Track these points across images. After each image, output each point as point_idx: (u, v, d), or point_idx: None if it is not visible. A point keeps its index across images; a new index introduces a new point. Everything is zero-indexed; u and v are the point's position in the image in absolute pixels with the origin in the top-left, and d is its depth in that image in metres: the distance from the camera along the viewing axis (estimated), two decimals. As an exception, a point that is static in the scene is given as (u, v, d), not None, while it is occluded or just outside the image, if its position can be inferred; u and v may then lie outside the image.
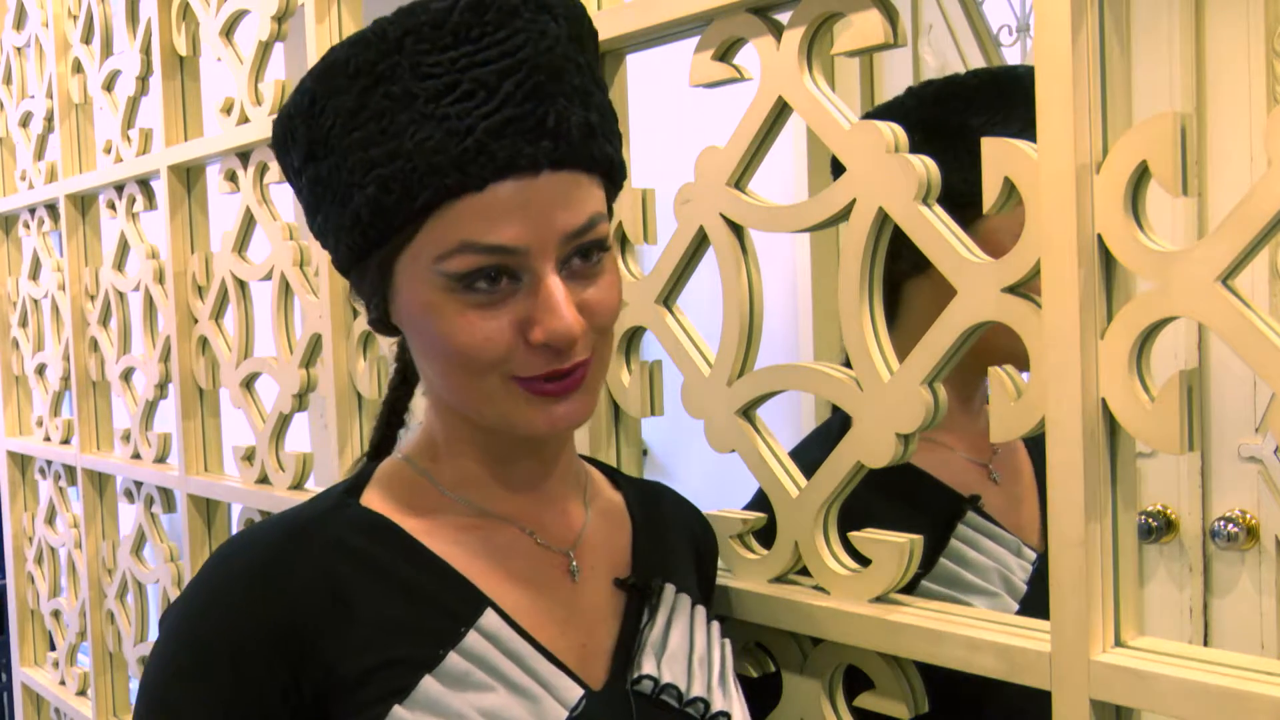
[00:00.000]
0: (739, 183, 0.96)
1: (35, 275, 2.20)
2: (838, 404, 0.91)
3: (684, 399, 1.02)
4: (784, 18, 0.91)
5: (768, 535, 0.97)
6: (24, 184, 2.19)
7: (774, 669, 0.99)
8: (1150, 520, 1.88)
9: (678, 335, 1.02)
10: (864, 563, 0.91)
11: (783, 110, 0.92)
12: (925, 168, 0.83)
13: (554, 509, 0.85)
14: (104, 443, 2.06)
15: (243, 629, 0.74)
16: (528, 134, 0.71)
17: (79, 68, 1.95)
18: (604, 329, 0.76)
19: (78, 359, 2.03)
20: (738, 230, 0.96)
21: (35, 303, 2.22)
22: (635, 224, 1.06)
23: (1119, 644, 0.76)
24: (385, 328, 0.81)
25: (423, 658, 0.74)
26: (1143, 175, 0.71)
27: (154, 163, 1.71)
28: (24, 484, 2.40)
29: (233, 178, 1.55)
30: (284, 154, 0.79)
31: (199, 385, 1.70)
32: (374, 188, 0.72)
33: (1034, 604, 1.01)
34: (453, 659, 0.74)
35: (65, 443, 2.16)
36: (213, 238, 1.67)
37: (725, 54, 0.96)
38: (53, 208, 2.10)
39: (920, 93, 1.06)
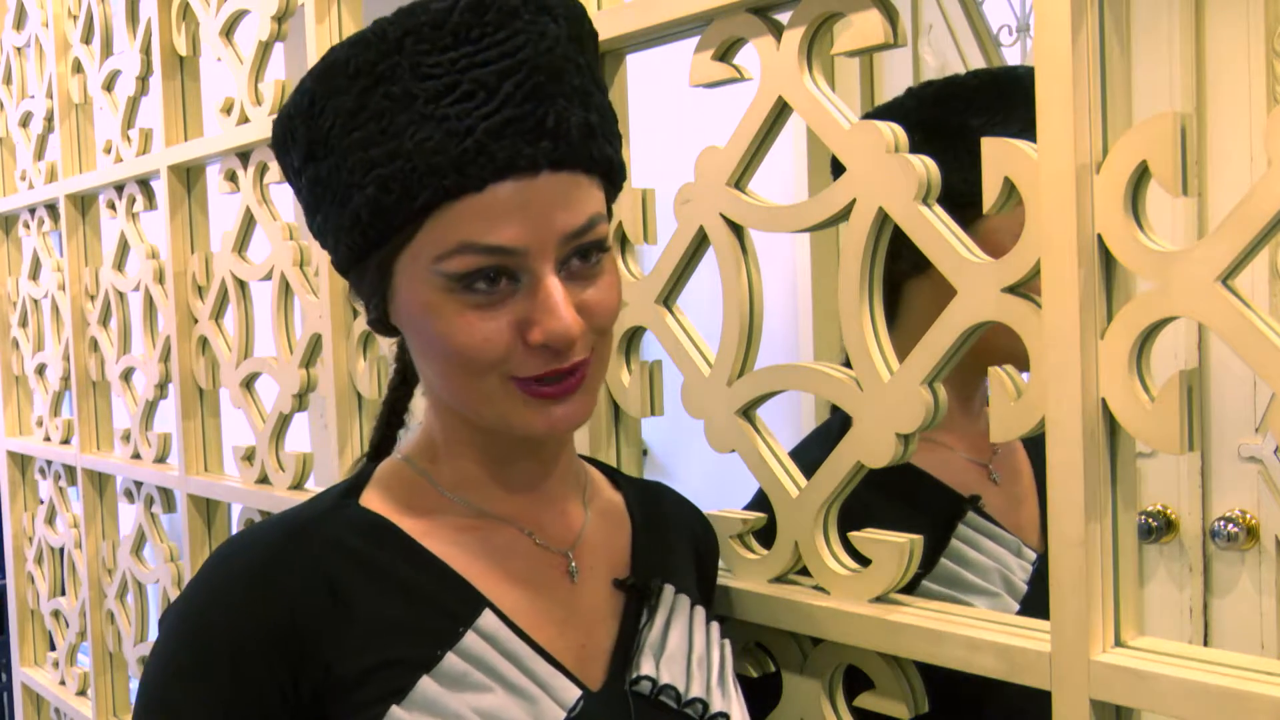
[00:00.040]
0: (739, 183, 0.96)
1: (35, 275, 2.20)
2: (838, 404, 0.91)
3: (684, 399, 1.02)
4: (784, 18, 0.91)
5: (768, 535, 0.97)
6: (24, 184, 2.19)
7: (774, 669, 0.99)
8: (1150, 520, 1.88)
9: (678, 335, 1.02)
10: (864, 563, 0.91)
11: (783, 110, 0.92)
12: (925, 168, 0.83)
13: (553, 509, 0.84)
14: (104, 443, 2.06)
15: (242, 629, 0.74)
16: (527, 135, 0.71)
17: (79, 68, 1.95)
18: (603, 330, 0.76)
19: (78, 359, 2.03)
20: (738, 230, 0.96)
21: (35, 303, 2.22)
22: (635, 224, 1.06)
23: (1119, 644, 0.76)
24: (384, 328, 0.81)
25: (421, 658, 0.74)
26: (1143, 175, 0.71)
27: (154, 163, 1.71)
28: (24, 484, 2.40)
29: (233, 178, 1.55)
30: (284, 154, 0.79)
31: (199, 385, 1.70)
32: (373, 188, 0.72)
33: (1034, 604, 1.01)
34: (450, 659, 0.74)
35: (65, 443, 2.16)
36: (213, 238, 1.67)
37: (725, 54, 0.96)
38: (53, 208, 2.09)
39: (920, 93, 1.06)
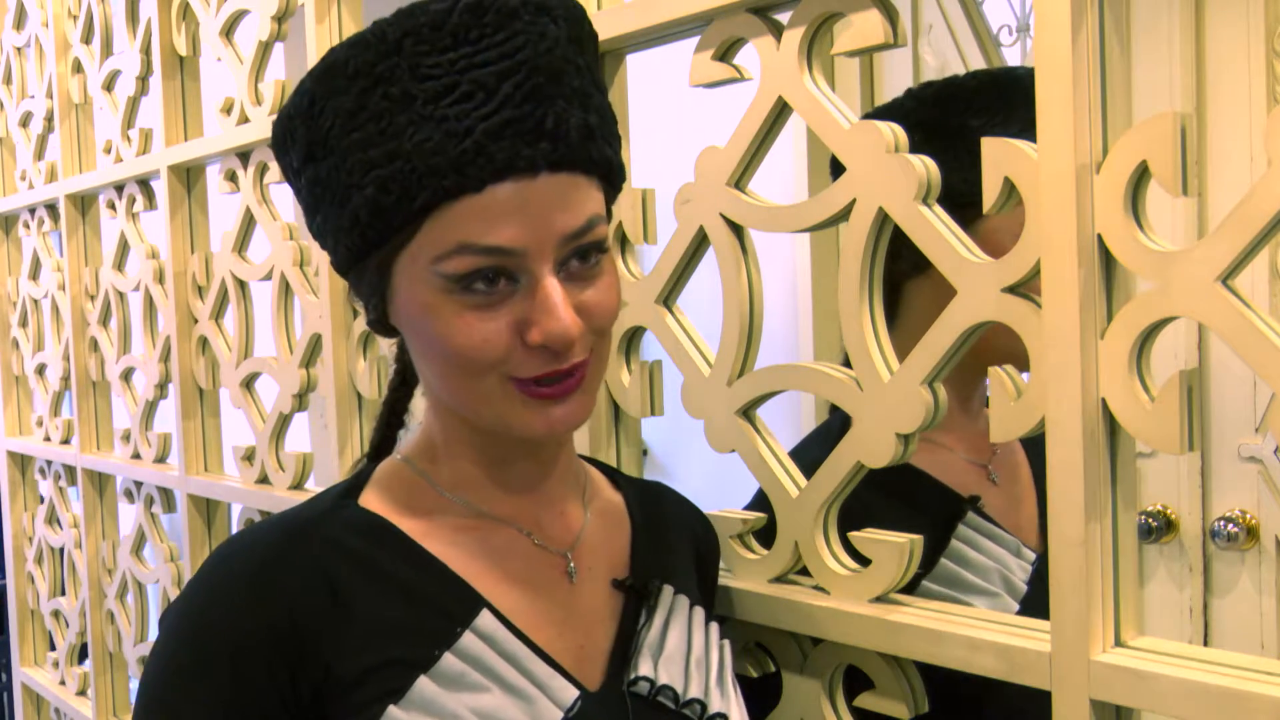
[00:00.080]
0: (739, 183, 0.96)
1: (35, 275, 2.20)
2: (838, 404, 0.91)
3: (684, 399, 1.02)
4: (784, 18, 0.91)
5: (768, 535, 0.97)
6: (24, 184, 2.19)
7: (774, 669, 0.99)
8: (1150, 520, 1.88)
9: (678, 335, 1.02)
10: (864, 563, 0.91)
11: (783, 110, 0.92)
12: (925, 168, 0.83)
13: (552, 510, 0.84)
14: (104, 443, 2.06)
15: (242, 628, 0.74)
16: (526, 136, 0.71)
17: (79, 68, 1.95)
18: (602, 330, 0.76)
19: (78, 359, 2.03)
20: (738, 230, 0.96)
21: (35, 303, 2.22)
22: (635, 224, 1.06)
23: (1119, 644, 0.76)
24: (384, 329, 0.81)
25: (419, 658, 0.74)
26: (1143, 175, 0.71)
27: (154, 163, 1.71)
28: (24, 484, 2.40)
29: (233, 178, 1.55)
30: (283, 155, 0.79)
31: (199, 385, 1.70)
32: (372, 189, 0.72)
33: (1034, 604, 1.01)
34: (448, 659, 0.74)
35: (65, 443, 2.16)
36: (213, 238, 1.67)
37: (725, 54, 0.96)
38: (53, 208, 2.09)
39: (919, 94, 1.06)
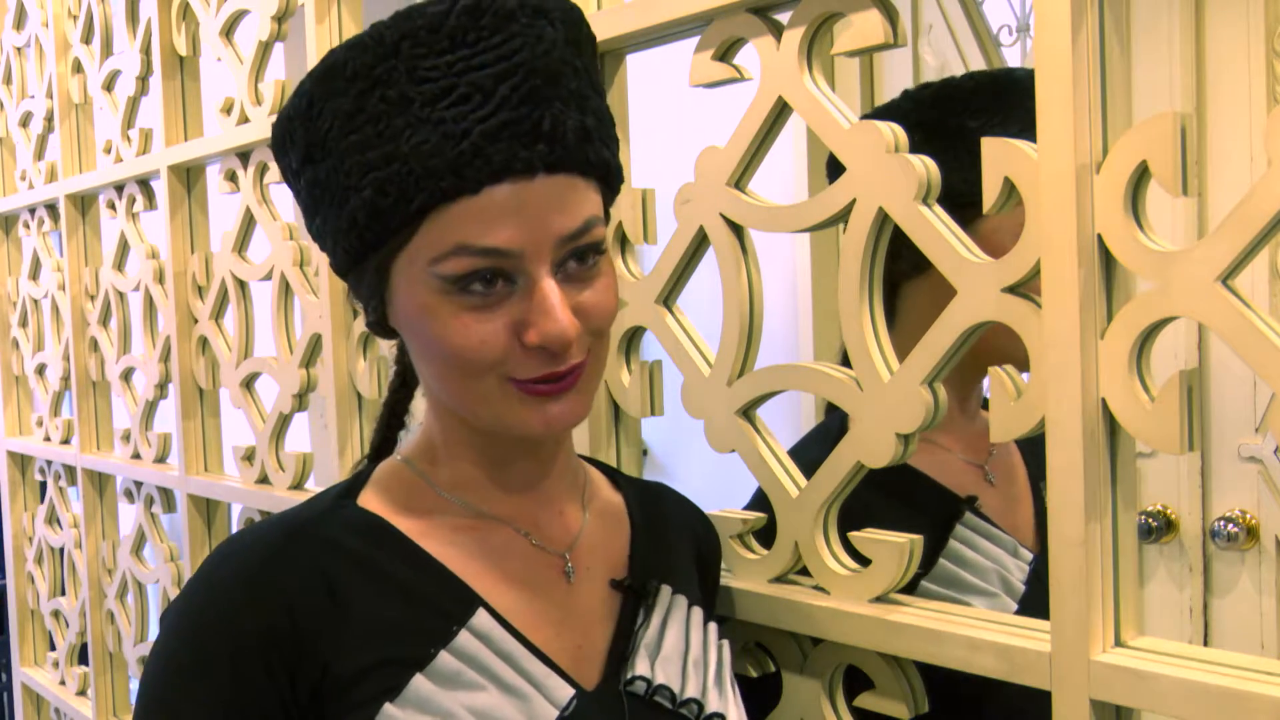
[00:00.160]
0: (739, 183, 0.96)
1: (35, 275, 2.20)
2: (838, 404, 0.91)
3: (684, 399, 1.02)
4: (784, 18, 0.91)
5: (768, 535, 0.97)
6: (24, 184, 2.19)
7: (774, 669, 0.99)
8: (1150, 520, 1.88)
9: (678, 335, 1.02)
10: (864, 563, 0.91)
11: (783, 110, 0.92)
12: (925, 168, 0.83)
13: (550, 510, 0.85)
14: (104, 443, 2.06)
15: (242, 628, 0.74)
16: (523, 137, 0.71)
17: (79, 68, 1.95)
18: (599, 331, 0.76)
19: (78, 359, 2.03)
20: (738, 230, 0.96)
21: (35, 303, 2.22)
22: (635, 224, 1.06)
23: (1119, 644, 0.76)
24: (383, 330, 0.81)
25: (415, 656, 0.74)
26: (1143, 175, 0.71)
27: (154, 163, 1.71)
28: (24, 484, 2.40)
29: (233, 178, 1.55)
30: (282, 156, 0.80)
31: (199, 385, 1.70)
32: (370, 190, 0.72)
33: (1032, 604, 1.01)
34: (444, 658, 0.74)
35: (65, 443, 2.16)
36: (213, 238, 1.67)
37: (725, 54, 0.96)
38: (53, 208, 2.09)
39: (916, 95, 1.06)
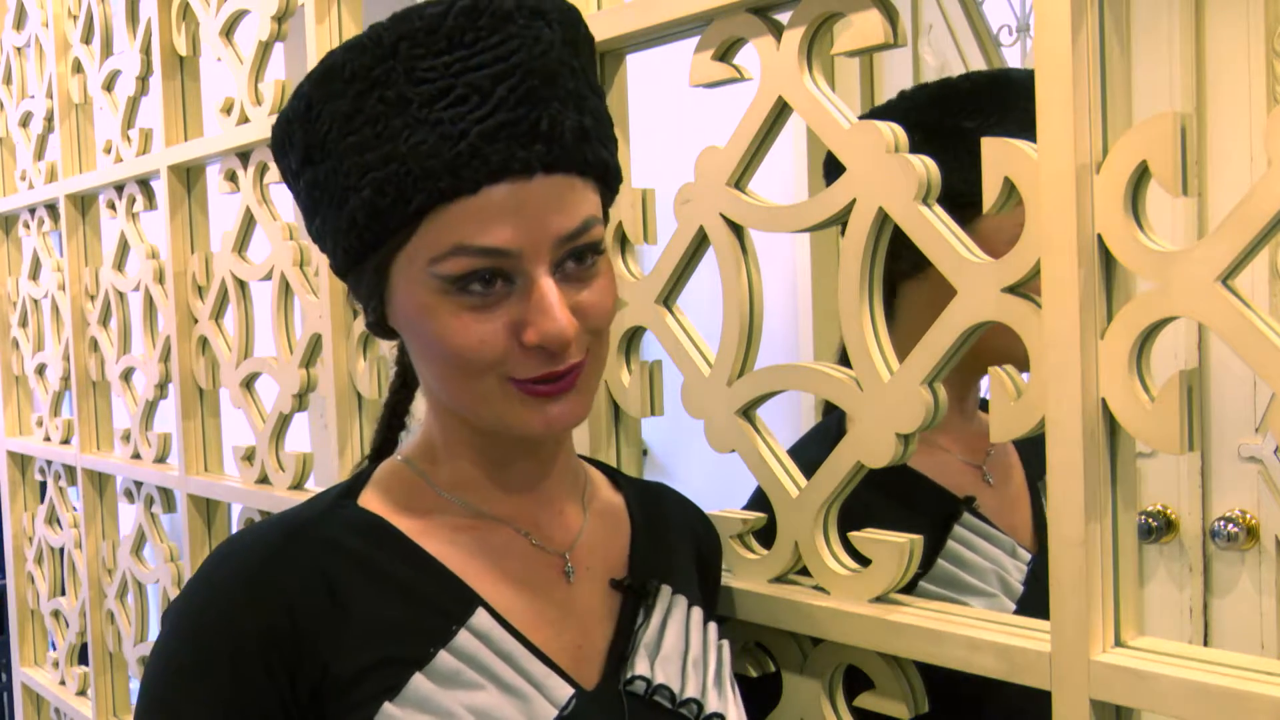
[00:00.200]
0: (739, 183, 0.96)
1: (35, 275, 2.20)
2: (838, 404, 0.91)
3: (684, 399, 1.02)
4: (784, 18, 0.91)
5: (768, 535, 0.97)
6: (24, 184, 2.19)
7: (774, 669, 0.99)
8: (1150, 520, 1.88)
9: (678, 335, 1.02)
10: (864, 563, 0.91)
11: (783, 110, 0.92)
12: (925, 168, 0.83)
13: (550, 510, 0.85)
14: (104, 443, 2.06)
15: (242, 628, 0.74)
16: (521, 138, 0.71)
17: (79, 68, 1.95)
18: (598, 331, 0.76)
19: (78, 359, 2.03)
20: (738, 230, 0.96)
21: (35, 303, 2.22)
22: (635, 224, 1.06)
23: (1119, 644, 0.76)
24: (383, 330, 0.81)
25: (414, 656, 0.74)
26: (1143, 175, 0.71)
27: (154, 163, 1.71)
28: (24, 484, 2.40)
29: (233, 178, 1.55)
30: (282, 157, 0.80)
31: (199, 385, 1.70)
32: (369, 191, 0.72)
33: (1030, 605, 1.01)
34: (443, 657, 0.74)
35: (65, 443, 2.16)
36: (213, 238, 1.67)
37: (725, 54, 0.96)
38: (53, 208, 2.09)
39: (913, 96, 1.06)
